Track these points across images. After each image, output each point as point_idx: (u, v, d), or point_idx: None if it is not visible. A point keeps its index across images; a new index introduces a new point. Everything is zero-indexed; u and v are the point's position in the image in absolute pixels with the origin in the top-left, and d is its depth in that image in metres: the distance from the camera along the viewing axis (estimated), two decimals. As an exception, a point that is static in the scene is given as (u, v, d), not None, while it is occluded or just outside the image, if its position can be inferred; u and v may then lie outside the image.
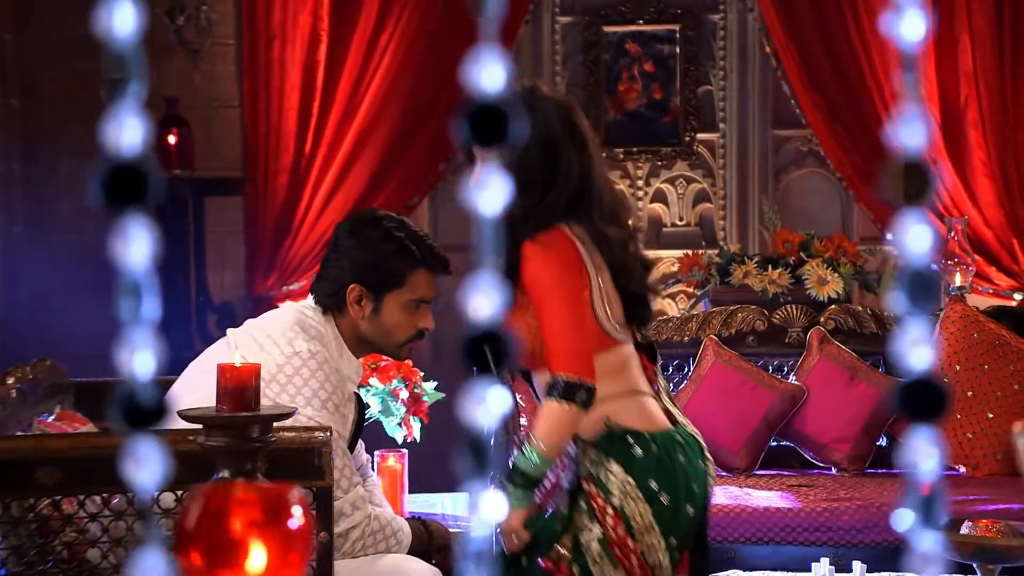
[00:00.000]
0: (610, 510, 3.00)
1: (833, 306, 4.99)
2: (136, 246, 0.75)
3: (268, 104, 6.37)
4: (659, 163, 6.84)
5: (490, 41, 0.71)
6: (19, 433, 3.22)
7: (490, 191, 0.71)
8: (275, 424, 2.72)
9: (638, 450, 3.01)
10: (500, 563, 3.09)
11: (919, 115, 0.73)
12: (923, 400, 0.76)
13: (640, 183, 6.85)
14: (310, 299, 3.27)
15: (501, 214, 0.72)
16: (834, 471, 4.69)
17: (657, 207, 6.82)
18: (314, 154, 6.38)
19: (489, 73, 0.70)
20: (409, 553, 3.21)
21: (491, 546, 0.73)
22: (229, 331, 3.26)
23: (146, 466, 0.79)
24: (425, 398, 4.24)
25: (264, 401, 3.04)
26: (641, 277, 3.17)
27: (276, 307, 6.30)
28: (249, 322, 3.30)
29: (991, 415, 4.65)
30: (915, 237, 0.75)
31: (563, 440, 2.97)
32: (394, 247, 3.21)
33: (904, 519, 0.77)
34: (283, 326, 3.18)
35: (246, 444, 2.60)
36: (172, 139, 6.11)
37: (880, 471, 4.75)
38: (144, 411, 0.78)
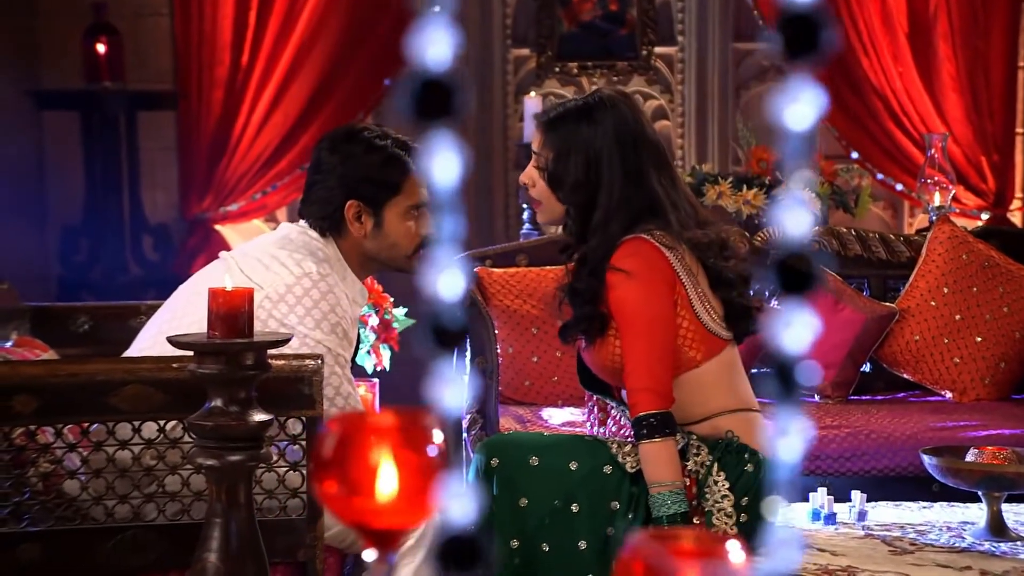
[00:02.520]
0: (697, 516, 3.13)
1: (816, 227, 5.02)
2: (445, 162, 0.73)
3: (201, 13, 6.24)
4: (615, 78, 6.82)
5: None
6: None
7: (799, 105, 0.70)
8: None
9: (750, 467, 3.16)
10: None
11: None
12: None
13: (595, 99, 6.83)
14: (303, 223, 3.25)
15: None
16: (817, 398, 4.73)
17: (613, 124, 6.80)
18: (251, 67, 6.27)
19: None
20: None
21: (796, 473, 0.73)
22: (224, 254, 3.23)
23: (451, 388, 0.78)
24: (395, 325, 4.22)
25: (271, 322, 3.01)
26: (742, 289, 3.25)
27: (213, 229, 6.25)
28: (247, 244, 3.28)
29: (979, 339, 4.70)
30: None
31: (677, 466, 3.09)
32: (381, 156, 3.21)
33: None
34: (290, 247, 3.16)
35: (239, 372, 2.58)
36: (101, 48, 5.99)
37: (864, 398, 4.80)
38: (450, 332, 0.76)
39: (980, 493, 3.49)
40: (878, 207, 6.74)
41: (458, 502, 0.75)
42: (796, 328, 0.71)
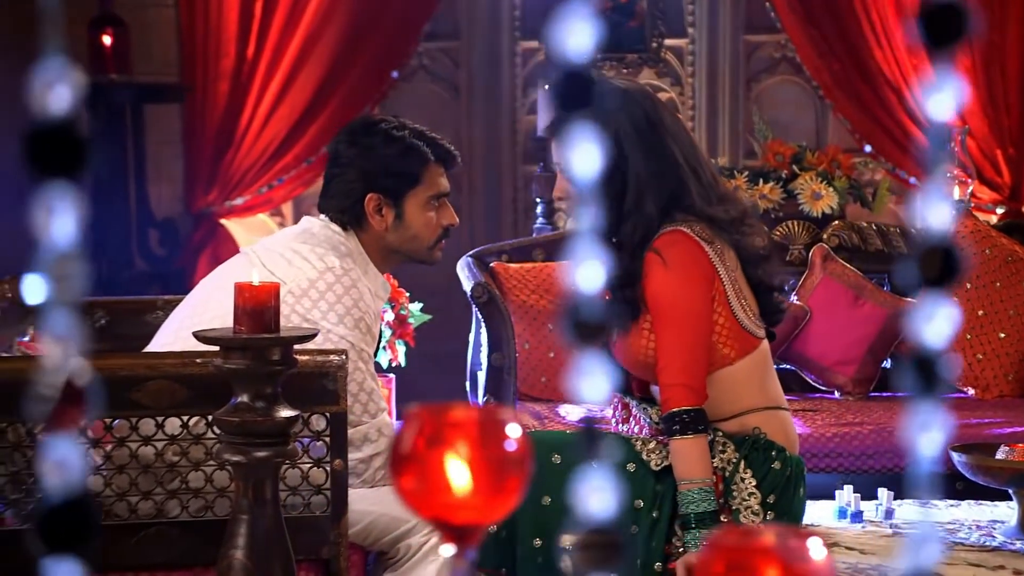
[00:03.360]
0: (724, 514, 3.13)
1: (836, 222, 4.99)
2: (582, 155, 0.72)
3: (206, 4, 6.21)
4: (624, 70, 6.80)
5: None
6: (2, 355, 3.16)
7: (942, 95, 0.69)
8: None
9: (777, 464, 3.17)
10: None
11: None
12: None
13: (605, 91, 6.81)
14: (324, 217, 3.24)
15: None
16: (838, 395, 4.72)
17: (623, 117, 6.78)
18: (257, 59, 6.25)
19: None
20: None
21: (936, 469, 0.72)
22: (245, 248, 3.23)
23: (594, 380, 0.76)
24: (411, 320, 4.21)
25: (294, 317, 3.00)
26: (765, 267, 3.27)
27: (218, 224, 6.23)
28: (268, 239, 3.28)
29: (1003, 335, 4.70)
30: None
31: (708, 464, 3.10)
32: (399, 147, 3.21)
33: None
34: (312, 242, 3.15)
35: (266, 367, 2.56)
36: (107, 40, 5.96)
37: (885, 394, 4.78)
38: (591, 325, 0.75)
39: (1011, 491, 3.48)
40: (891, 201, 6.73)
41: (599, 496, 0.74)
42: (938, 322, 0.70)
